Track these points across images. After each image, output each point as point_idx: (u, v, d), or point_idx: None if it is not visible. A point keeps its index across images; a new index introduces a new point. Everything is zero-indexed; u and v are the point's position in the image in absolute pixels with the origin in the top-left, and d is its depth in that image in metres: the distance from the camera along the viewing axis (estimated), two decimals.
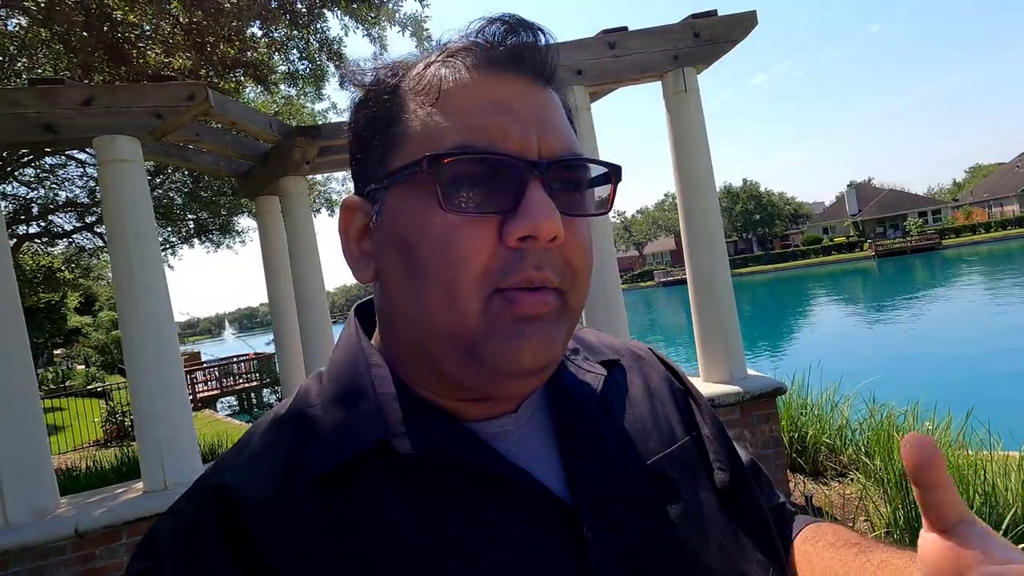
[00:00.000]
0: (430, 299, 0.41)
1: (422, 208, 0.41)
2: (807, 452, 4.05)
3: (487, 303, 0.40)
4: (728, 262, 3.69)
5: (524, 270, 0.40)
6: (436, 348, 0.42)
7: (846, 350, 12.90)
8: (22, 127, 3.02)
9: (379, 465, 0.42)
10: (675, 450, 0.52)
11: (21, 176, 8.45)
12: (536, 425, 0.49)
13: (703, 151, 3.60)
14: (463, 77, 0.42)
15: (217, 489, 0.43)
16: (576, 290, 0.44)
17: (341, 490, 0.42)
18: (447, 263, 0.40)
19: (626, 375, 0.57)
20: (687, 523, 0.47)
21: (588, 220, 0.46)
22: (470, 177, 0.40)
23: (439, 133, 0.41)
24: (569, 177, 0.44)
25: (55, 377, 23.44)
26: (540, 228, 0.39)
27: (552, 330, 0.42)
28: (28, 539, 2.81)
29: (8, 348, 2.99)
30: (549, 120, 0.43)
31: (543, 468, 0.46)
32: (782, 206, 63.21)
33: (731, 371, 3.53)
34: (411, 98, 0.43)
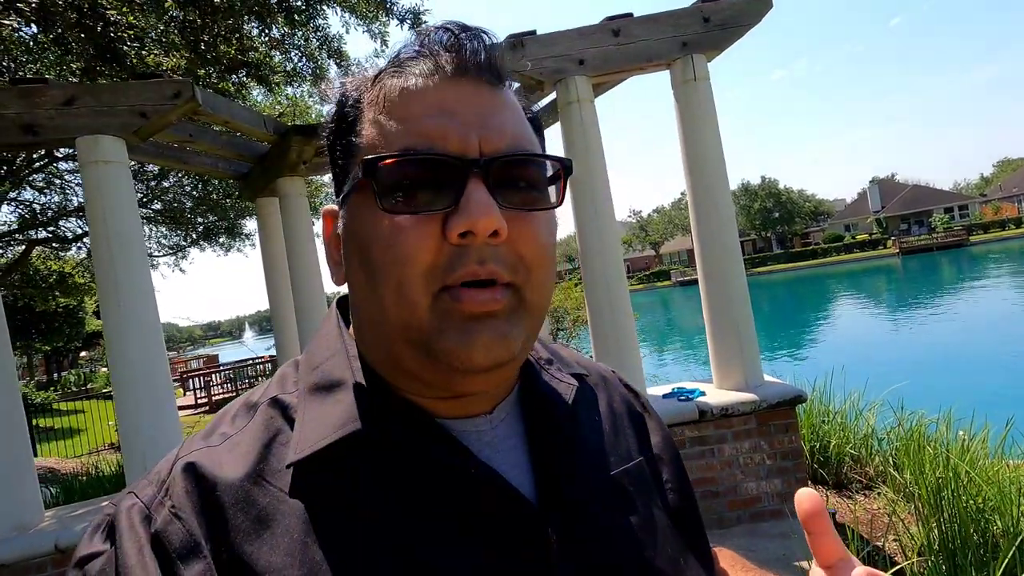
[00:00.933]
0: (384, 297, 0.42)
1: (371, 212, 0.43)
2: (830, 463, 3.80)
3: (435, 300, 0.41)
4: (743, 261, 3.46)
5: (467, 264, 0.41)
6: (396, 346, 0.44)
7: (871, 353, 12.42)
8: (1, 128, 2.93)
9: (354, 455, 0.43)
10: (632, 467, 0.54)
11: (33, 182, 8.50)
12: (509, 428, 0.50)
13: (715, 143, 3.38)
14: (410, 85, 0.44)
15: (187, 468, 0.43)
16: (532, 285, 0.44)
17: (315, 478, 0.43)
18: (394, 261, 0.41)
19: (593, 391, 0.60)
20: (643, 535, 0.49)
21: (546, 216, 0.46)
22: (410, 179, 0.42)
23: (384, 140, 0.43)
24: (517, 174, 0.44)
25: (77, 380, 23.89)
26: (477, 223, 0.40)
27: (505, 326, 0.42)
28: (6, 556, 2.70)
29: None
30: (495, 120, 0.44)
31: (514, 470, 0.47)
32: (802, 203, 62.01)
33: (746, 378, 3.31)
34: (367, 109, 0.45)
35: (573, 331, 6.78)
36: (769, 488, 3.22)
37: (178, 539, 0.40)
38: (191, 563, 0.39)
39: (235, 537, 0.40)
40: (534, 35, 3.40)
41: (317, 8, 4.74)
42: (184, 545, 0.39)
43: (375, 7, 4.70)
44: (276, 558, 0.39)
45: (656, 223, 69.18)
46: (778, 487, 3.21)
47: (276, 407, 0.47)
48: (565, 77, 3.38)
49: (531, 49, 3.36)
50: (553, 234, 0.47)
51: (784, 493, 3.19)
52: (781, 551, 2.89)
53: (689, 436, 3.21)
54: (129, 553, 0.40)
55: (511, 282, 0.42)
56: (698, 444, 3.21)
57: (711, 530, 3.18)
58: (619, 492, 0.51)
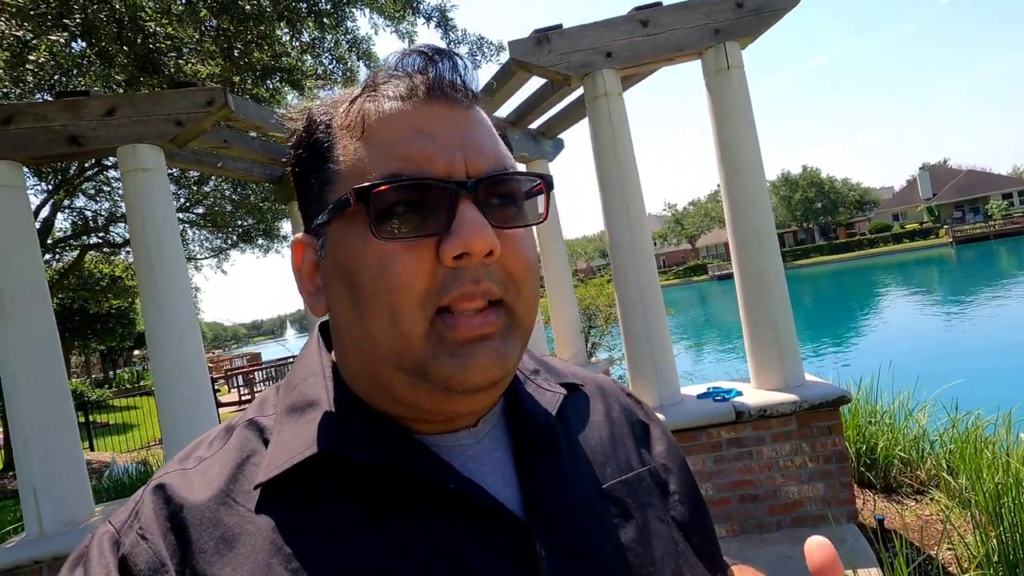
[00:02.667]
0: (375, 326, 0.42)
1: (359, 239, 0.42)
2: (877, 465, 3.62)
3: (431, 325, 0.41)
4: (780, 255, 3.32)
5: (462, 285, 0.41)
6: (387, 374, 0.43)
7: (921, 350, 11.81)
8: (49, 140, 3.05)
9: (328, 474, 0.43)
10: (631, 477, 0.53)
11: (85, 190, 8.92)
12: (494, 442, 0.49)
13: (750, 134, 3.26)
14: (386, 109, 0.43)
15: (156, 490, 0.44)
16: (521, 300, 0.44)
17: (285, 498, 0.42)
18: (387, 289, 0.41)
19: (588, 401, 0.58)
20: (640, 548, 0.48)
21: (527, 232, 0.46)
22: (401, 204, 0.41)
23: (367, 165, 0.42)
24: (501, 191, 0.44)
25: (131, 377, 25.06)
26: (473, 244, 0.40)
27: (501, 346, 0.42)
28: (60, 549, 2.84)
29: (42, 362, 3.03)
30: (474, 140, 0.44)
31: (499, 484, 0.46)
32: (846, 192, 59.65)
33: (786, 377, 3.18)
34: (341, 134, 0.45)
35: (605, 329, 6.70)
36: (812, 492, 3.08)
37: (143, 560, 0.40)
38: None
39: (200, 558, 0.40)
40: (560, 29, 3.34)
41: (345, 11, 4.79)
42: (149, 566, 0.40)
43: (401, 7, 4.72)
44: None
45: (692, 216, 67.76)
46: (821, 491, 3.07)
47: (252, 429, 0.47)
48: (592, 71, 3.31)
49: (557, 44, 3.31)
50: (535, 249, 0.48)
51: (828, 498, 3.05)
52: None
53: (726, 438, 3.11)
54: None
55: (502, 299, 0.43)
56: (735, 446, 3.10)
57: (749, 535, 3.07)
58: (615, 504, 0.50)
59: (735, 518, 3.10)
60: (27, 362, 2.99)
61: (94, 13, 4.03)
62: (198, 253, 11.08)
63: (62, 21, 4.32)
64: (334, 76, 5.84)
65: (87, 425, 10.74)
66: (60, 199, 8.54)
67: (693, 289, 49.31)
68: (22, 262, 3.05)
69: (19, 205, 3.12)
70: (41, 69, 5.17)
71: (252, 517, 0.41)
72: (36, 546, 2.87)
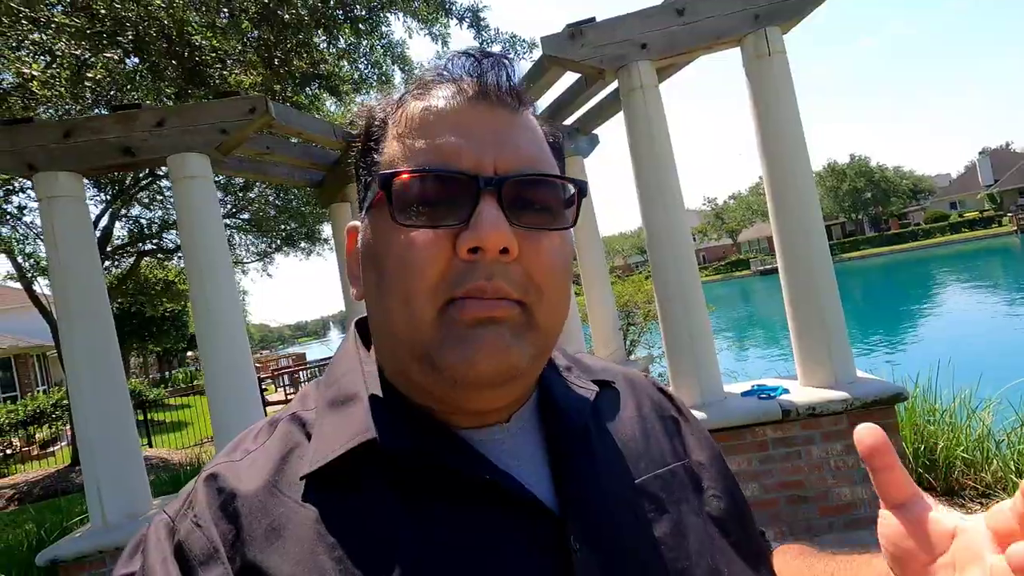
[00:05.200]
0: (392, 310, 0.43)
1: (386, 224, 0.44)
2: (937, 467, 3.43)
3: (441, 312, 0.42)
4: (828, 246, 3.19)
5: (474, 279, 0.41)
6: (405, 359, 0.44)
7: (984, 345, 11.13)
8: (105, 152, 3.22)
9: (369, 466, 0.44)
10: (665, 472, 0.53)
11: (140, 199, 9.38)
12: (527, 437, 0.50)
13: (792, 122, 3.14)
14: (431, 107, 0.45)
15: (208, 480, 0.45)
16: (542, 306, 0.44)
17: (328, 489, 0.43)
18: (404, 274, 0.42)
19: (619, 397, 0.58)
20: (675, 542, 0.48)
21: (560, 238, 0.46)
22: (425, 194, 0.42)
23: (402, 157, 0.44)
24: (531, 194, 0.44)
25: (184, 377, 26.22)
26: (486, 240, 0.40)
27: (509, 337, 0.42)
28: (121, 539, 2.98)
29: (103, 364, 3.20)
30: (510, 140, 0.44)
31: (533, 478, 0.47)
32: (898, 181, 56.88)
33: (836, 374, 3.05)
34: (390, 130, 0.47)
35: (644, 326, 6.59)
36: (865, 494, 2.95)
37: (198, 547, 0.42)
38: (210, 568, 0.41)
39: (249, 545, 0.41)
40: (593, 22, 3.30)
41: (380, 16, 4.87)
42: (204, 552, 0.41)
43: (434, 9, 4.76)
44: (286, 566, 0.40)
45: (733, 210, 66.00)
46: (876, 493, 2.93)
47: (295, 423, 0.49)
48: (627, 63, 3.25)
49: (590, 37, 3.27)
50: (567, 257, 0.47)
51: None
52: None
53: (772, 437, 3.00)
54: (154, 565, 0.42)
55: (521, 300, 0.42)
56: (782, 445, 3.00)
57: (799, 537, 2.96)
58: (648, 498, 0.50)
59: (783, 519, 2.99)
60: (90, 364, 3.16)
61: (145, 30, 4.23)
62: (244, 257, 11.49)
63: (116, 39, 4.55)
64: (370, 81, 5.96)
65: (146, 423, 11.29)
66: (118, 208, 9.00)
67: (735, 285, 48.02)
68: (84, 269, 3.22)
69: (80, 214, 3.29)
70: (98, 85, 5.46)
71: (297, 507, 0.42)
72: (100, 536, 3.02)
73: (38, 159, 3.15)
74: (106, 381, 3.19)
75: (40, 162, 3.16)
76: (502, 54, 0.48)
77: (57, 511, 5.61)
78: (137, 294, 12.04)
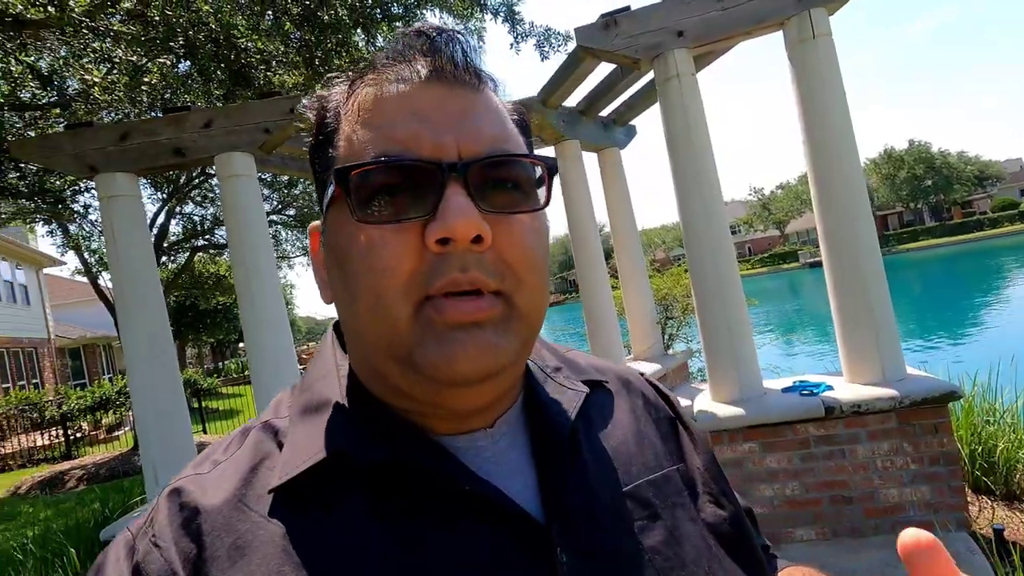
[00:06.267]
0: (363, 311, 0.41)
1: (347, 223, 0.41)
2: (996, 469, 3.25)
3: (417, 311, 0.40)
4: (876, 237, 3.05)
5: (448, 273, 0.39)
6: (380, 360, 0.42)
7: None
8: (157, 152, 3.39)
9: (342, 477, 0.42)
10: (658, 477, 0.50)
11: (193, 197, 9.82)
12: (512, 442, 0.47)
13: (839, 108, 3.01)
14: (383, 92, 0.42)
15: (171, 495, 0.43)
16: (522, 292, 0.42)
17: (298, 502, 0.41)
18: (371, 273, 0.40)
19: (612, 398, 0.56)
20: (669, 550, 0.46)
21: (534, 220, 0.43)
22: (386, 187, 0.40)
23: (358, 149, 0.42)
24: (499, 176, 0.42)
25: (236, 367, 27.38)
26: (456, 229, 0.38)
27: (493, 336, 0.40)
28: None
29: (158, 355, 3.38)
30: (472, 122, 0.42)
31: (518, 486, 0.44)
32: (962, 168, 53.56)
33: (884, 370, 2.92)
34: (343, 120, 0.44)
35: (683, 319, 6.46)
36: (915, 496, 2.82)
37: (155, 568, 0.39)
38: None
39: (211, 565, 0.39)
40: (628, 11, 3.24)
41: (416, 13, 4.93)
42: (160, 574, 0.39)
43: (469, 4, 4.78)
44: None
45: (780, 200, 63.69)
46: (926, 495, 2.80)
47: (267, 432, 0.46)
48: (663, 52, 3.19)
49: (625, 27, 3.22)
50: (543, 238, 0.44)
51: (934, 502, 2.78)
52: None
53: (814, 435, 2.91)
54: None
55: (499, 290, 0.40)
56: (824, 444, 2.90)
57: (843, 539, 2.87)
58: (641, 505, 0.47)
59: (826, 520, 2.90)
60: (147, 355, 3.35)
61: (195, 35, 4.41)
62: (290, 252, 11.88)
63: (168, 45, 4.77)
64: None
65: (200, 410, 11.86)
66: (173, 206, 9.46)
67: (783, 278, 46.41)
68: (140, 263, 3.41)
69: (136, 212, 3.48)
70: (153, 89, 5.75)
71: (264, 523, 0.40)
72: None
73: (98, 161, 3.35)
74: (161, 370, 3.38)
75: (100, 164, 3.35)
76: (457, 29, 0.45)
77: (120, 491, 5.99)
78: (191, 288, 12.65)
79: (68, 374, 19.40)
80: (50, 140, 3.43)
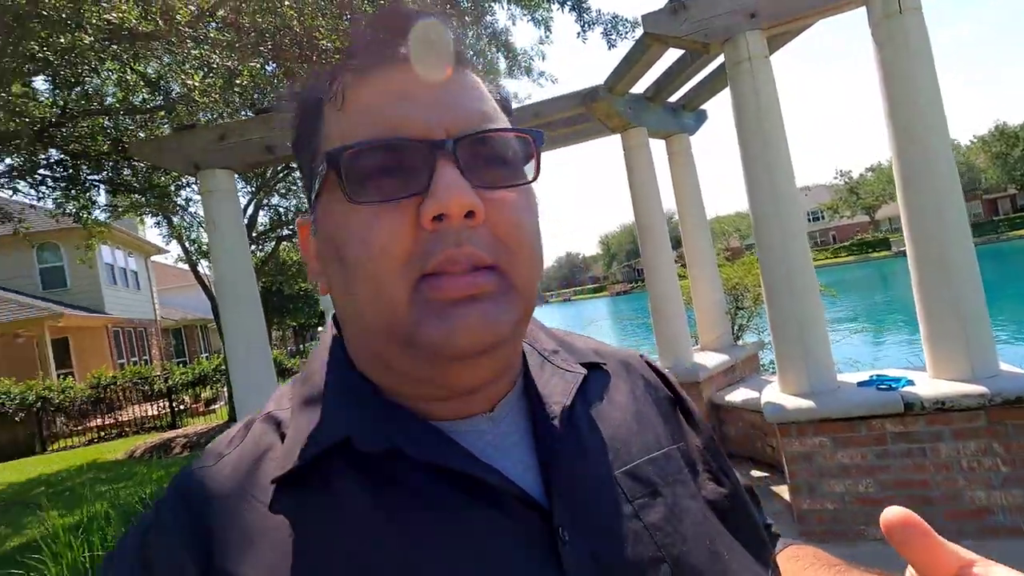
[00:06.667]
0: (362, 296, 0.41)
1: (341, 206, 0.42)
2: None
3: (415, 290, 0.40)
4: (968, 225, 2.85)
5: (444, 248, 0.40)
6: (380, 344, 0.43)
7: None
8: (250, 150, 3.71)
9: (345, 465, 0.42)
10: (659, 456, 0.51)
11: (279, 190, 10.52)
12: (512, 426, 0.48)
13: (928, 86, 2.82)
14: (368, 77, 0.43)
15: (178, 491, 0.44)
16: (517, 267, 0.42)
17: (301, 491, 0.42)
18: (369, 256, 0.40)
19: (610, 379, 0.56)
20: (670, 527, 0.46)
21: (524, 194, 0.44)
22: (378, 168, 0.41)
23: (347, 134, 0.42)
24: (487, 152, 0.43)
25: None
26: (449, 205, 0.39)
27: (493, 309, 0.41)
28: None
29: (254, 336, 3.73)
30: (456, 100, 0.43)
31: (519, 469, 0.45)
32: None
33: (972, 365, 2.74)
34: (327, 109, 0.45)
35: (755, 309, 6.24)
36: (1005, 500, 2.65)
37: (164, 560, 0.40)
38: None
39: (219, 556, 0.40)
40: None
41: (484, 5, 5.02)
42: (170, 566, 0.40)
43: None
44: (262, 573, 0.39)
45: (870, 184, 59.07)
46: (1019, 500, 2.62)
47: (269, 423, 0.47)
48: (733, 35, 3.11)
49: (693, 11, 3.16)
50: (534, 212, 0.45)
51: None
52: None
53: (891, 431, 2.79)
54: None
55: (494, 264, 0.41)
56: (902, 441, 2.77)
57: None
58: (641, 483, 0.48)
59: None
60: (244, 336, 3.70)
61: (280, 39, 4.74)
62: None
63: (258, 49, 5.15)
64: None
65: None
66: (260, 199, 10.18)
67: (871, 267, 43.19)
68: (237, 253, 3.76)
69: (233, 206, 3.84)
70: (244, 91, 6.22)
71: (269, 513, 0.41)
72: None
73: (200, 159, 3.72)
74: (255, 350, 3.72)
75: (202, 161, 3.72)
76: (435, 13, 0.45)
77: None
78: (276, 275, 13.56)
79: (171, 352, 21.42)
80: (161, 141, 3.84)
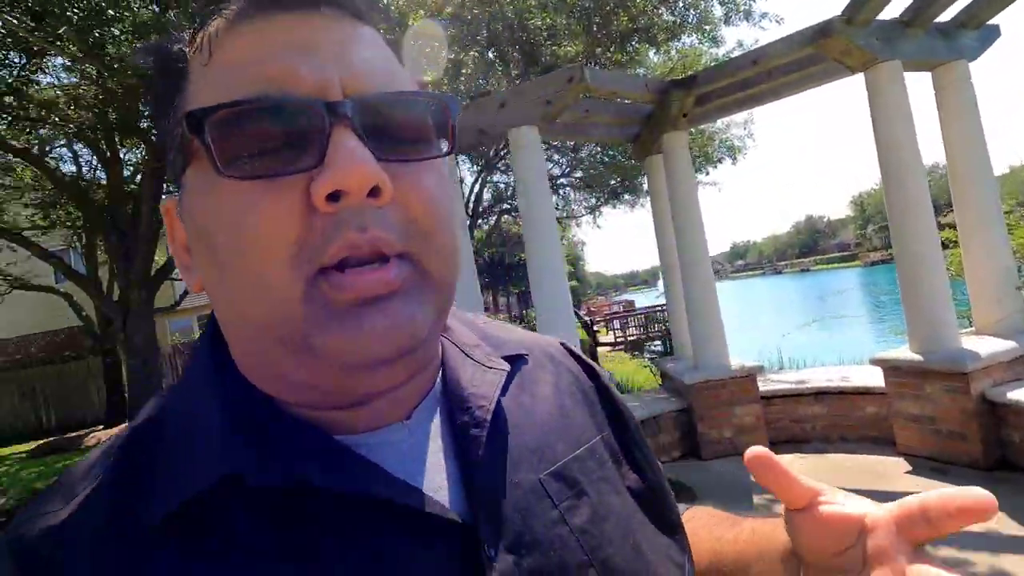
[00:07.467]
0: (242, 293, 0.34)
1: (211, 185, 0.34)
2: None
3: (310, 286, 0.33)
4: None
5: (344, 235, 0.32)
6: (269, 350, 0.35)
7: None
8: (468, 134, 4.12)
9: (234, 499, 0.34)
10: (583, 451, 0.47)
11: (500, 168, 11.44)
12: (430, 432, 0.42)
13: None
14: (248, 22, 0.35)
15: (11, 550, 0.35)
16: (433, 254, 0.36)
17: (185, 533, 0.34)
18: (250, 246, 0.33)
19: (534, 372, 0.51)
20: (596, 529, 0.43)
21: (437, 169, 0.38)
22: (257, 135, 0.33)
23: (218, 91, 0.34)
24: (391, 118, 0.35)
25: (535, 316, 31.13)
26: (349, 179, 0.32)
27: (407, 307, 0.35)
28: None
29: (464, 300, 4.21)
30: (357, 55, 0.36)
31: (437, 482, 0.40)
32: None
33: None
34: (193, 63, 0.37)
35: None
36: None
37: None
38: None
39: None
40: None
41: None
42: None
43: None
44: None
45: None
46: None
47: (138, 449, 0.38)
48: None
49: None
50: (448, 190, 0.39)
51: None
52: None
53: None
54: None
55: (405, 251, 0.35)
56: None
57: None
58: (567, 484, 0.44)
59: None
60: None
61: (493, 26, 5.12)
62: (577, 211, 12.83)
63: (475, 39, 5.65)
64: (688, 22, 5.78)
65: None
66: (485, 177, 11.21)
67: None
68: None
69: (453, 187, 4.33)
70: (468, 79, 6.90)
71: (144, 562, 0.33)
72: None
73: None
74: None
75: None
76: None
77: None
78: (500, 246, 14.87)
79: None
80: None
